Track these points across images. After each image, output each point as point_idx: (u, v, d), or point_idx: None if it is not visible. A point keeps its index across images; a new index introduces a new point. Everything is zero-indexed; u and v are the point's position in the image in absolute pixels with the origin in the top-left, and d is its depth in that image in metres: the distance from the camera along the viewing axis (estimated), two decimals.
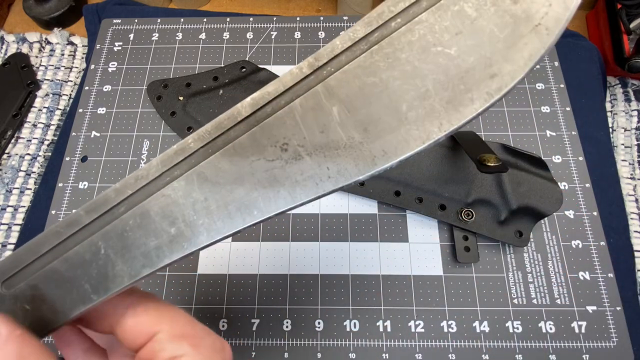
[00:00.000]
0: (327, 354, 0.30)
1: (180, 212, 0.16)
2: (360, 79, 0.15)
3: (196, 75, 0.38)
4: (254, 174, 0.15)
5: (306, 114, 0.15)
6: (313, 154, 0.15)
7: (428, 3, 0.14)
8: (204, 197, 0.15)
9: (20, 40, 0.43)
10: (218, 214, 0.15)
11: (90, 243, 0.16)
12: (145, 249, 0.16)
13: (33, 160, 0.38)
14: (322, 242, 0.33)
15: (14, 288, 0.17)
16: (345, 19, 0.41)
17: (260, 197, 0.15)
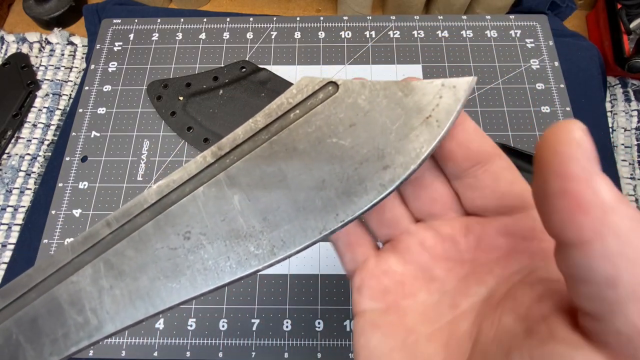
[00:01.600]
0: (327, 354, 0.30)
1: (87, 300, 0.15)
2: (260, 168, 0.15)
3: (196, 75, 0.38)
4: (157, 263, 0.15)
5: (208, 201, 0.15)
6: (214, 243, 0.15)
7: (324, 95, 0.15)
8: (110, 285, 0.15)
9: (20, 40, 0.43)
10: (122, 303, 0.15)
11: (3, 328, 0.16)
12: (54, 337, 0.15)
13: (33, 160, 0.38)
14: (322, 242, 0.33)
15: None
16: (345, 19, 0.41)
17: (162, 286, 0.15)
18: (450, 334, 0.14)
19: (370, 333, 0.15)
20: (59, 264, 0.16)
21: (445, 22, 0.40)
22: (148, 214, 0.16)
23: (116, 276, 0.15)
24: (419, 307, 0.15)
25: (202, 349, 0.30)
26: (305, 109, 0.15)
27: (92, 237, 0.16)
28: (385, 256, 0.16)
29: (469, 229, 0.15)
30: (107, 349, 0.30)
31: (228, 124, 0.36)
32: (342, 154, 0.14)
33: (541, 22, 0.40)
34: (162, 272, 0.15)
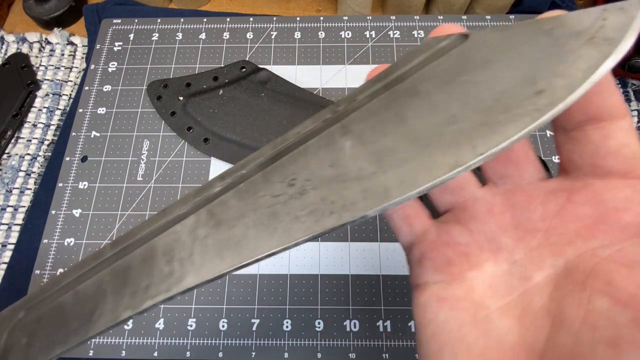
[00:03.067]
0: (327, 354, 0.30)
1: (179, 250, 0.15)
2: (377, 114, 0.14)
3: (196, 75, 0.38)
4: (257, 211, 0.14)
5: (319, 150, 0.15)
6: (318, 188, 0.14)
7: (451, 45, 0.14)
8: (205, 234, 0.15)
9: (20, 40, 0.43)
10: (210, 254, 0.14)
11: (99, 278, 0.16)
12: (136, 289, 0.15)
13: (33, 160, 0.38)
14: (322, 242, 0.33)
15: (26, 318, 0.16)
16: (345, 19, 0.41)
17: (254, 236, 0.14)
18: (524, 309, 0.13)
19: (436, 307, 0.14)
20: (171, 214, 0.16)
21: (445, 22, 0.40)
22: (259, 167, 0.15)
23: (214, 225, 0.15)
24: (487, 279, 0.14)
25: (202, 349, 0.30)
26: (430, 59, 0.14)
27: (203, 190, 0.15)
28: (447, 227, 0.15)
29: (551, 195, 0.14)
30: (107, 349, 0.30)
31: (228, 124, 0.36)
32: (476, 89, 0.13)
33: None
34: (259, 220, 0.14)
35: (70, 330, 0.15)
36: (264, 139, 0.35)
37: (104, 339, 0.30)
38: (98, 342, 0.30)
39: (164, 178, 0.35)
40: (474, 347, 0.13)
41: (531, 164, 0.14)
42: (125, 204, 0.34)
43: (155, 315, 0.31)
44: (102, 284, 0.15)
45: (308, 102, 0.36)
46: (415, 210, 0.16)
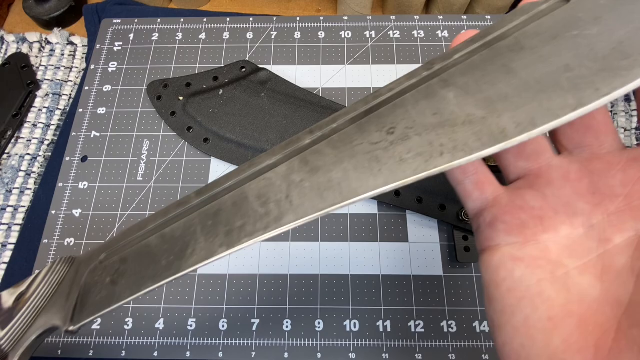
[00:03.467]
0: (327, 354, 0.30)
1: (274, 193, 0.16)
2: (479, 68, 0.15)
3: (196, 75, 0.38)
4: (355, 157, 0.15)
5: (418, 102, 0.15)
6: (423, 134, 0.14)
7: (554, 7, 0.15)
8: (301, 178, 0.16)
9: (20, 40, 0.43)
10: (310, 195, 0.15)
11: (187, 221, 0.17)
12: (230, 228, 0.16)
13: (33, 160, 0.38)
14: (322, 242, 0.33)
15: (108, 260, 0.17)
16: (345, 19, 0.41)
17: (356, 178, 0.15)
18: (605, 267, 0.14)
19: (511, 266, 0.15)
20: (259, 165, 0.17)
21: (445, 22, 0.40)
22: (351, 120, 0.16)
23: (309, 171, 0.16)
24: (562, 241, 0.15)
25: (202, 349, 0.30)
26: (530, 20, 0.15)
27: (292, 143, 0.16)
28: (520, 192, 0.16)
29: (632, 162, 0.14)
30: (107, 349, 0.30)
31: (228, 124, 0.36)
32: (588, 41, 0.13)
33: None
34: (359, 164, 0.15)
35: (160, 267, 0.16)
36: (263, 138, 0.35)
37: (104, 339, 0.30)
38: (98, 342, 0.30)
39: (164, 178, 0.35)
40: (555, 300, 0.14)
41: (610, 134, 0.15)
42: (125, 204, 0.34)
43: (155, 315, 0.31)
44: (191, 227, 0.16)
45: (308, 102, 0.36)
46: (487, 176, 0.17)
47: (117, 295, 0.16)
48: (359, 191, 0.14)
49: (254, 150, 0.35)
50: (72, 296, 0.17)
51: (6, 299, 0.18)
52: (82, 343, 0.30)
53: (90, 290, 0.17)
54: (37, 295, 0.17)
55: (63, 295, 0.17)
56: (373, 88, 0.38)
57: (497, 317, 0.15)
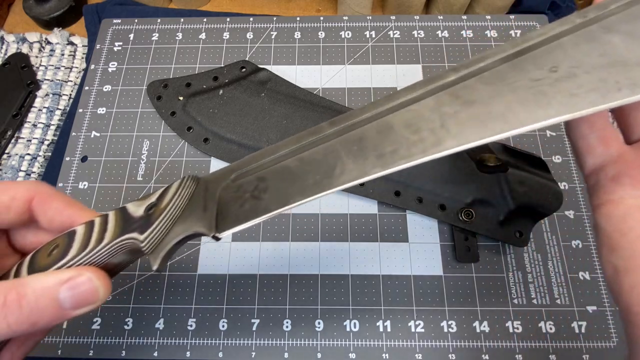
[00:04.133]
0: (327, 354, 0.30)
1: (425, 123, 0.17)
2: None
3: (196, 75, 0.38)
4: (515, 92, 0.16)
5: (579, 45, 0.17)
6: (592, 72, 0.16)
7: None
8: (454, 111, 0.17)
9: (20, 40, 0.43)
10: (470, 124, 0.16)
11: (327, 146, 0.18)
12: (381, 152, 0.17)
13: (33, 160, 0.38)
14: (322, 242, 0.33)
15: (242, 179, 0.19)
16: (345, 19, 0.41)
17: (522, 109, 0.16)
18: None
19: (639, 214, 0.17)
20: (396, 100, 0.18)
21: (445, 22, 0.40)
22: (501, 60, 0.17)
23: (462, 104, 0.17)
24: None
25: (202, 349, 0.30)
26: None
27: (435, 79, 0.18)
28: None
29: None
30: (107, 349, 0.30)
31: (228, 124, 0.36)
32: None
33: (541, 22, 0.40)
34: (523, 98, 0.16)
35: (308, 184, 0.18)
36: (263, 138, 0.35)
37: (104, 339, 0.30)
38: (98, 342, 0.30)
39: (164, 178, 0.35)
40: None
41: None
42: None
43: (155, 315, 0.31)
44: (333, 151, 0.18)
45: (308, 102, 0.36)
46: (613, 133, 0.19)
47: (263, 207, 0.18)
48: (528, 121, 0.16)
49: (254, 150, 0.35)
50: (210, 208, 0.19)
51: (134, 210, 0.19)
52: (82, 343, 0.30)
53: (229, 203, 0.19)
54: (173, 205, 0.19)
55: (198, 208, 0.19)
56: (373, 88, 0.38)
57: (624, 263, 0.17)
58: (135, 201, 0.20)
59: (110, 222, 0.19)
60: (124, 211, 0.20)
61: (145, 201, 0.20)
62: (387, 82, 0.38)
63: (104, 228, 0.19)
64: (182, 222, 0.19)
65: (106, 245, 0.18)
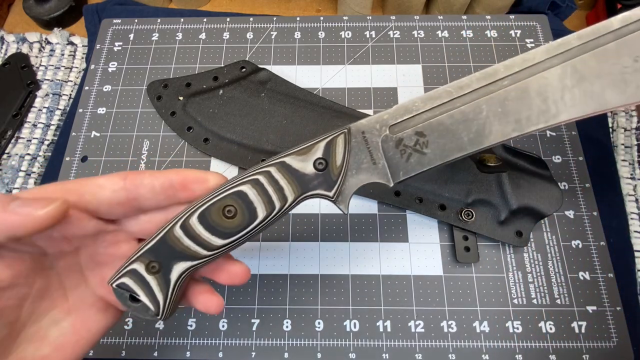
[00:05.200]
0: (327, 354, 0.30)
1: (552, 93, 0.20)
2: None
3: (196, 75, 0.38)
4: (610, 75, 0.19)
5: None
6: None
7: None
8: (572, 84, 0.20)
9: (20, 40, 0.43)
10: (578, 100, 0.20)
11: (475, 105, 0.20)
12: (518, 117, 0.20)
13: (33, 160, 0.38)
14: (322, 242, 0.33)
15: (400, 133, 0.21)
16: (345, 19, 0.41)
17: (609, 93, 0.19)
18: None
19: None
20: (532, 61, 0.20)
21: (445, 22, 0.40)
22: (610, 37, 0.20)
23: (578, 79, 0.20)
24: None
25: (202, 349, 0.30)
26: None
27: (563, 45, 0.20)
28: None
29: None
30: (108, 349, 0.30)
31: (228, 124, 0.36)
32: None
33: (541, 22, 0.40)
34: (613, 83, 0.19)
35: (463, 141, 0.21)
36: (263, 138, 0.35)
37: (105, 339, 0.30)
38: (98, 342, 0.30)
39: None
40: None
41: None
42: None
43: None
44: (481, 111, 0.20)
45: (308, 102, 0.36)
46: None
47: (428, 161, 0.21)
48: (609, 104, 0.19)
49: (254, 151, 0.35)
50: (378, 160, 0.21)
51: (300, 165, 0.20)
52: None
53: (394, 156, 0.21)
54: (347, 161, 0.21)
55: (365, 159, 0.21)
56: (373, 88, 0.38)
57: None
58: (291, 155, 0.21)
59: (281, 180, 0.20)
60: (288, 167, 0.20)
61: (308, 156, 0.21)
62: (387, 82, 0.38)
63: (277, 187, 0.20)
64: (357, 174, 0.21)
65: (293, 202, 0.20)
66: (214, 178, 0.20)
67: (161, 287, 0.19)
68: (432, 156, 0.21)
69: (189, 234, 0.19)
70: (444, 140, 0.21)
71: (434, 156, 0.21)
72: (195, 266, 0.19)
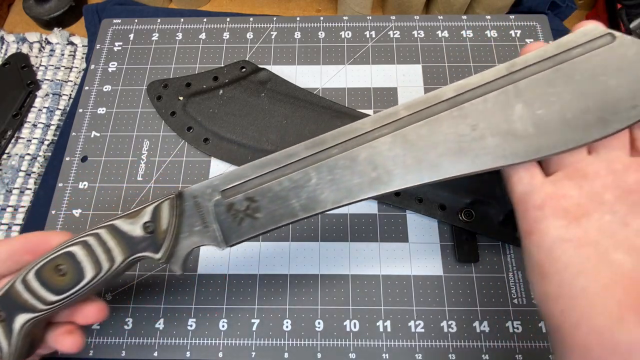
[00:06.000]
0: (327, 354, 0.30)
1: (382, 161, 0.20)
2: (542, 87, 0.19)
3: (196, 75, 0.38)
4: (445, 143, 0.19)
5: (496, 105, 0.19)
6: (495, 137, 0.19)
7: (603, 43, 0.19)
8: (403, 153, 0.20)
9: (20, 40, 0.43)
10: (411, 168, 0.19)
11: (304, 172, 0.20)
12: (349, 185, 0.20)
13: (33, 160, 0.38)
14: (322, 242, 0.33)
15: (232, 197, 0.21)
16: (345, 19, 0.41)
17: (447, 161, 0.19)
18: (630, 246, 0.18)
19: (564, 245, 0.18)
20: (360, 131, 0.20)
21: (445, 22, 0.40)
22: (444, 105, 0.20)
23: (409, 148, 0.20)
24: (595, 224, 0.18)
25: (202, 349, 0.30)
26: (586, 49, 0.19)
27: (391, 115, 0.20)
28: (561, 183, 0.20)
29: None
30: (107, 349, 0.30)
31: (228, 124, 0.36)
32: (607, 89, 0.18)
33: (541, 22, 0.40)
34: (449, 151, 0.19)
35: (295, 207, 0.21)
36: (263, 138, 0.35)
37: (104, 339, 0.30)
38: (98, 342, 0.30)
39: (164, 178, 0.35)
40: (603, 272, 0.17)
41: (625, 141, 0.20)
42: (125, 204, 0.34)
43: (155, 315, 0.31)
44: (311, 179, 0.20)
45: (308, 102, 0.36)
46: (535, 166, 0.21)
47: (261, 225, 0.21)
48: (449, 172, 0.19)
49: (254, 150, 0.35)
50: (210, 224, 0.21)
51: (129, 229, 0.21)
52: None
53: (226, 220, 0.21)
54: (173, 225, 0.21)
55: (197, 223, 0.21)
56: (373, 88, 0.38)
57: (554, 289, 0.18)
58: (121, 218, 0.22)
59: (109, 241, 0.21)
60: (117, 230, 0.21)
61: (136, 219, 0.21)
62: (387, 82, 0.38)
63: (106, 248, 0.21)
64: (189, 237, 0.22)
65: (121, 264, 0.21)
66: (57, 238, 0.22)
67: (6, 334, 0.21)
68: (265, 221, 0.21)
69: (27, 288, 0.21)
70: (274, 206, 0.21)
71: (266, 221, 0.21)
72: (36, 317, 0.21)
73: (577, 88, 0.18)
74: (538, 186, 0.20)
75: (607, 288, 0.17)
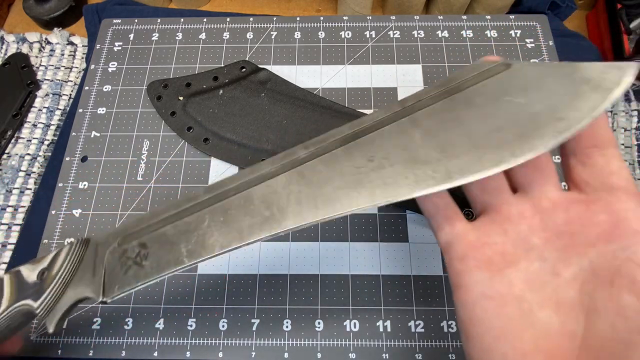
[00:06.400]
0: (327, 354, 0.30)
1: (276, 199, 0.19)
2: (440, 115, 0.18)
3: (196, 75, 0.38)
4: (342, 177, 0.18)
5: (392, 136, 0.18)
6: (395, 165, 0.18)
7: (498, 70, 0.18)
8: (299, 189, 0.19)
9: (20, 40, 0.43)
10: (307, 205, 0.18)
11: (198, 215, 0.20)
12: (240, 225, 0.19)
13: (33, 160, 0.38)
14: (322, 242, 0.33)
15: (127, 244, 0.20)
16: (345, 19, 0.41)
17: (344, 195, 0.18)
18: (559, 301, 0.16)
19: (486, 305, 0.16)
20: (260, 171, 0.20)
21: (445, 22, 0.40)
22: (340, 141, 0.19)
23: (306, 184, 0.19)
24: (522, 275, 0.16)
25: (202, 349, 0.30)
26: (481, 78, 0.18)
27: (289, 155, 0.19)
28: (485, 228, 0.18)
29: (570, 204, 0.17)
30: (107, 349, 0.30)
31: (228, 124, 0.36)
32: (517, 108, 0.17)
33: (541, 22, 0.40)
34: (346, 184, 0.18)
35: (181, 253, 0.19)
36: (263, 138, 0.35)
37: (104, 339, 0.30)
38: (98, 342, 0.30)
39: (164, 178, 0.35)
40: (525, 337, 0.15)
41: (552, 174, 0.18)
42: (125, 204, 0.34)
43: (155, 315, 0.31)
44: (204, 221, 0.19)
45: (308, 102, 0.36)
46: (455, 212, 0.19)
47: (144, 274, 0.19)
48: (345, 206, 0.18)
49: (254, 150, 0.35)
50: (98, 273, 0.20)
51: (27, 274, 0.20)
52: (82, 343, 0.30)
53: (115, 268, 0.20)
54: (64, 271, 0.20)
55: (88, 272, 0.20)
56: (373, 88, 0.38)
57: (477, 354, 0.16)
58: (29, 263, 0.21)
59: (6, 287, 0.20)
60: (18, 275, 0.21)
61: (39, 265, 0.21)
62: (387, 82, 0.38)
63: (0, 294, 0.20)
64: (75, 287, 0.20)
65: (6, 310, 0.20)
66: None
67: None
68: (149, 269, 0.19)
69: None
70: (162, 252, 0.19)
71: (151, 269, 0.19)
72: None
73: (480, 111, 0.17)
74: (460, 234, 0.18)
75: (528, 356, 0.15)
